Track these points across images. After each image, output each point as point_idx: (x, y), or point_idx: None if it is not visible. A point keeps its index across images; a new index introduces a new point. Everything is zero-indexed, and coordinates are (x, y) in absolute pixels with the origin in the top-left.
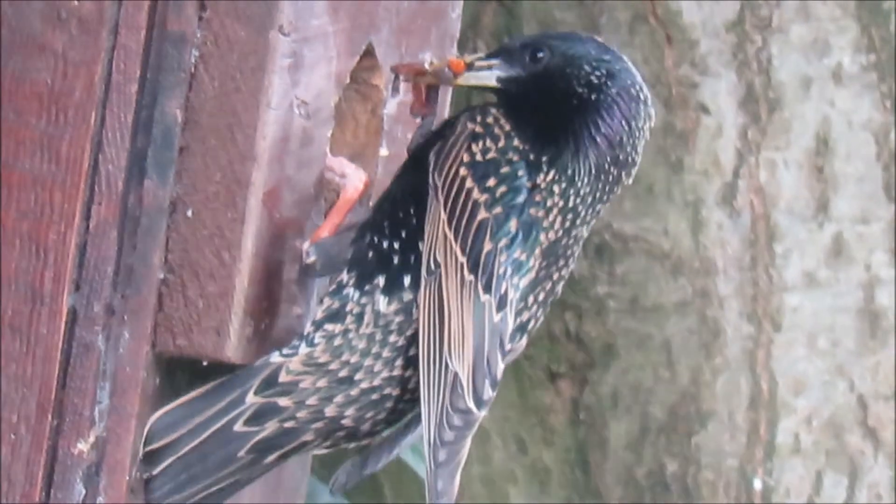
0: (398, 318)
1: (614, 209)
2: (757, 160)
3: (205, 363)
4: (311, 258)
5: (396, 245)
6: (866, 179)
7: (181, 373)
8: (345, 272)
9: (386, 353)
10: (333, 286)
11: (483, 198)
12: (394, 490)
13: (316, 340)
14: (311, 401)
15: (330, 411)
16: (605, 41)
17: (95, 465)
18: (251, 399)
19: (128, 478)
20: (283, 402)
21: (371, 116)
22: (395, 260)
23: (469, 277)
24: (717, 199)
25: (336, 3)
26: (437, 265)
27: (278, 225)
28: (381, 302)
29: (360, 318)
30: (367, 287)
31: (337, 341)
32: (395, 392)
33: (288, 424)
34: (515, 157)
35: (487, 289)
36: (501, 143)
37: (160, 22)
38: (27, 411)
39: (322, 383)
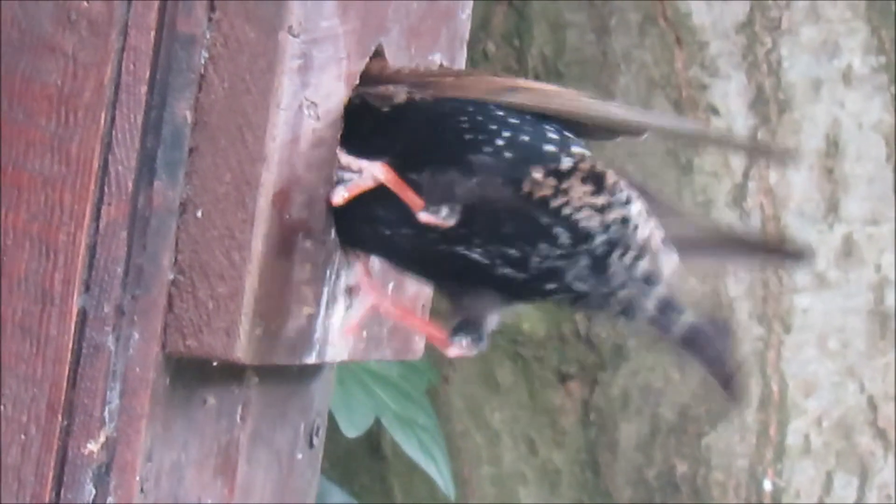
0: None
1: None
2: (767, 161)
3: (214, 364)
4: (441, 211)
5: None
6: (876, 181)
7: (191, 373)
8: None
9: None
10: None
11: None
12: (403, 490)
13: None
14: None
15: None
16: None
17: (105, 465)
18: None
19: (138, 478)
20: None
21: None
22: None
23: None
24: (728, 200)
25: (346, 4)
26: None
27: (288, 226)
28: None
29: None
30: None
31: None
32: None
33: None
34: None
35: None
36: None
37: (170, 23)
38: (37, 412)
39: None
